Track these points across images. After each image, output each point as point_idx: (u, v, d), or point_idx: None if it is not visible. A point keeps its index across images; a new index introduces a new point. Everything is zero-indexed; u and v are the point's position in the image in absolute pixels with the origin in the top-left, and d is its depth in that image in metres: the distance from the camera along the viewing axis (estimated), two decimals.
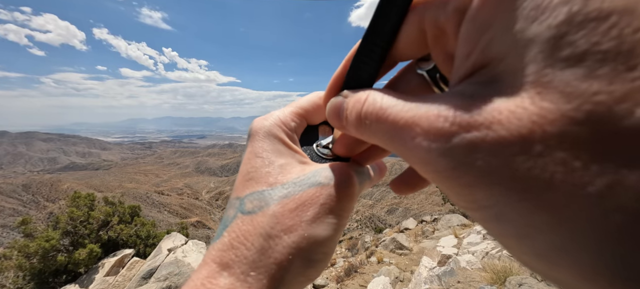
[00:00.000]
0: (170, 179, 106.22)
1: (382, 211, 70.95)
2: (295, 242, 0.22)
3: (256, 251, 0.22)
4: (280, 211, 0.23)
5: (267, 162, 0.26)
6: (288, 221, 0.23)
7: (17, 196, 77.42)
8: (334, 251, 0.26)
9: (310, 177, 0.25)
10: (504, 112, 0.13)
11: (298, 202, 0.23)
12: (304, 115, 0.30)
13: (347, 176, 0.26)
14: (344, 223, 0.26)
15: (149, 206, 71.33)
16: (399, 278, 5.14)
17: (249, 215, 0.24)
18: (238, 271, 0.21)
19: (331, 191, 0.24)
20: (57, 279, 6.47)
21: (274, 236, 0.22)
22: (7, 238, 46.44)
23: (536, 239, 0.12)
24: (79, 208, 7.15)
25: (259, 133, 0.28)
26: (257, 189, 0.25)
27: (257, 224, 0.23)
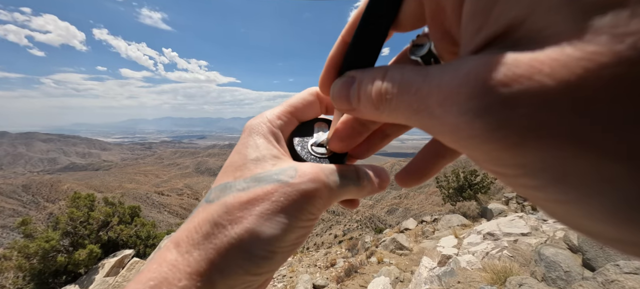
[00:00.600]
0: (170, 180, 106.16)
1: (382, 212, 70.90)
2: (237, 233, 0.22)
3: (201, 235, 0.23)
4: (231, 202, 0.24)
5: (242, 157, 0.27)
6: (237, 213, 0.23)
7: (17, 196, 77.39)
8: (286, 253, 0.25)
9: (273, 173, 0.25)
10: (546, 61, 0.11)
11: (251, 196, 0.24)
12: (293, 112, 0.30)
13: (312, 177, 0.25)
14: (302, 225, 0.24)
15: (149, 207, 71.30)
16: (399, 278, 5.14)
17: (208, 203, 0.25)
18: (184, 249, 0.23)
19: (288, 190, 0.24)
20: (57, 279, 6.46)
21: (219, 224, 0.23)
22: (7, 238, 46.41)
23: (606, 195, 0.11)
24: (79, 209, 7.15)
25: (245, 131, 0.29)
26: (224, 181, 0.26)
27: (210, 212, 0.24)
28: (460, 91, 0.14)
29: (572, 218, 0.13)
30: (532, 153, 0.12)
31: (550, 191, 0.13)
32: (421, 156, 0.27)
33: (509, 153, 0.13)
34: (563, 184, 0.12)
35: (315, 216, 0.26)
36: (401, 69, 0.18)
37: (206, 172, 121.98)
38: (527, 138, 0.12)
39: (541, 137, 0.12)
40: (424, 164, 0.27)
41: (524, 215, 5.76)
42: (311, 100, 0.31)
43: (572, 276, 3.07)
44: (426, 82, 0.16)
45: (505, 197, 11.47)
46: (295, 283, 5.98)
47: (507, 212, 9.02)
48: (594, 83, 0.10)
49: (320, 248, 12.32)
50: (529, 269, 3.58)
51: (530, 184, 0.13)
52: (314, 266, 7.45)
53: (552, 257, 3.30)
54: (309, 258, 8.74)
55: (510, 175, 0.14)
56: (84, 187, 75.41)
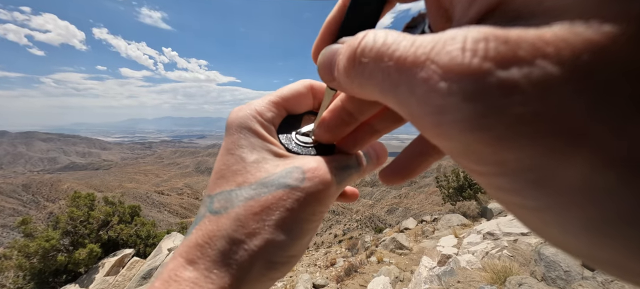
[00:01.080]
0: (170, 179, 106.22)
1: (382, 211, 70.94)
2: (257, 246, 0.22)
3: (219, 252, 0.22)
4: (244, 214, 0.23)
5: (238, 159, 0.25)
6: (252, 224, 0.22)
7: (17, 196, 77.43)
8: (301, 253, 0.25)
9: (279, 177, 0.24)
10: (551, 41, 0.10)
11: (263, 205, 0.23)
12: (283, 104, 0.28)
13: (320, 178, 0.24)
14: (314, 226, 0.25)
15: (149, 206, 71.35)
16: (399, 277, 5.15)
17: (215, 215, 0.23)
18: (202, 267, 0.22)
19: (299, 195, 0.23)
20: (57, 279, 6.47)
21: (236, 239, 0.22)
22: (7, 237, 46.45)
23: (595, 205, 0.10)
24: (79, 208, 7.15)
25: (232, 126, 0.27)
26: (226, 189, 0.24)
27: (221, 226, 0.23)
28: (452, 66, 0.12)
29: (546, 228, 0.12)
30: (516, 150, 0.11)
31: (527, 196, 0.11)
32: (406, 154, 0.26)
33: (490, 148, 0.11)
34: (544, 188, 0.11)
35: (324, 212, 0.25)
36: (385, 32, 0.16)
37: (206, 172, 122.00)
38: (516, 132, 0.10)
39: (533, 132, 0.10)
40: (408, 163, 0.26)
41: None
42: (303, 92, 0.29)
43: (571, 275, 3.07)
44: (411, 49, 0.13)
45: None
46: (295, 282, 5.98)
47: (507, 212, 9.02)
48: (610, 73, 0.09)
49: (320, 248, 12.33)
50: (529, 268, 3.59)
51: (506, 186, 0.12)
52: (313, 266, 7.45)
53: (552, 256, 3.30)
54: (309, 258, 8.75)
55: (484, 173, 0.13)
56: (84, 186, 75.47)
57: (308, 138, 0.28)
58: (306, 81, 0.29)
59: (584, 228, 0.10)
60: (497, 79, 0.10)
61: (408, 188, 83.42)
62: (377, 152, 0.30)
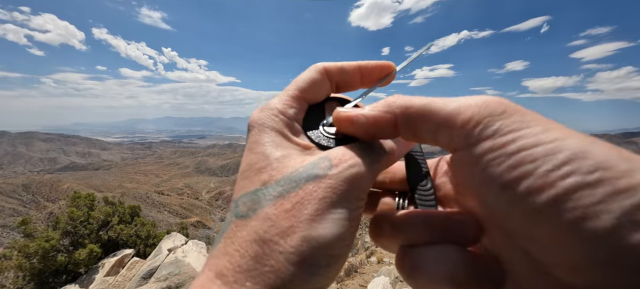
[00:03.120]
0: (170, 179, 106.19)
1: None
2: (293, 246, 0.19)
3: (250, 258, 0.19)
4: (274, 213, 0.20)
5: (262, 158, 0.24)
6: (284, 223, 0.20)
7: (17, 196, 77.40)
8: (346, 254, 0.22)
9: (306, 169, 0.22)
10: None
11: (294, 200, 0.21)
12: (302, 97, 0.28)
13: (350, 162, 0.23)
14: (354, 216, 0.22)
15: (149, 206, 71.31)
16: (399, 278, 5.14)
17: (242, 219, 0.21)
18: (232, 280, 0.19)
19: (330, 182, 0.21)
20: (57, 279, 6.46)
21: (269, 241, 0.20)
22: (7, 238, 46.39)
23: None
24: (79, 208, 7.15)
25: (254, 127, 0.26)
26: (250, 190, 0.23)
27: (251, 229, 0.20)
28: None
29: None
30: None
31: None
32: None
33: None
34: None
35: (363, 200, 0.24)
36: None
37: (206, 172, 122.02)
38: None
39: None
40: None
41: None
42: (319, 79, 0.28)
43: None
44: None
45: None
46: None
47: None
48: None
49: None
50: None
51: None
52: None
53: None
54: None
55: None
56: (84, 186, 75.43)
57: (335, 128, 0.28)
58: (319, 66, 0.28)
59: None
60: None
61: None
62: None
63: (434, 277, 0.21)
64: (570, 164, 0.15)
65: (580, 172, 0.15)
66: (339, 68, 0.28)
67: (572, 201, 0.15)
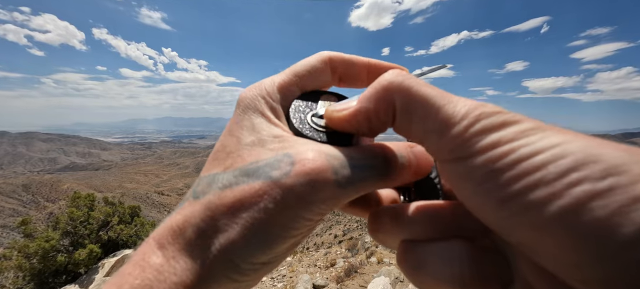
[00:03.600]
0: (170, 180, 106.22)
1: None
2: (222, 245, 0.19)
3: (186, 240, 0.20)
4: (215, 205, 0.20)
5: (236, 141, 0.23)
6: (222, 220, 0.20)
7: (17, 196, 77.42)
8: (277, 261, 0.21)
9: (265, 165, 0.20)
10: None
11: (237, 197, 0.20)
12: (296, 82, 0.26)
13: (311, 174, 0.19)
14: (296, 234, 0.20)
15: (149, 207, 71.30)
16: (399, 278, 5.14)
17: (195, 200, 0.21)
18: (170, 255, 0.20)
19: (277, 194, 0.19)
20: (57, 279, 6.46)
21: (204, 232, 0.20)
22: (7, 238, 46.41)
23: None
24: (79, 208, 7.15)
25: (239, 106, 0.25)
26: (213, 172, 0.22)
27: (194, 214, 0.21)
28: None
29: None
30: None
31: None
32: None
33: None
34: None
35: (315, 221, 0.21)
36: None
37: None
38: None
39: None
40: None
41: None
42: (320, 68, 0.26)
43: None
44: None
45: None
46: (295, 283, 5.98)
47: None
48: None
49: (320, 248, 12.32)
50: None
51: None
52: (313, 266, 7.45)
53: None
54: (309, 258, 8.74)
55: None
56: (84, 187, 75.46)
57: (323, 121, 0.24)
58: (324, 54, 0.26)
59: None
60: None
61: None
62: (417, 157, 0.24)
63: (438, 275, 0.19)
64: (577, 170, 0.14)
65: (590, 179, 0.13)
66: (346, 60, 0.27)
67: (584, 212, 0.13)
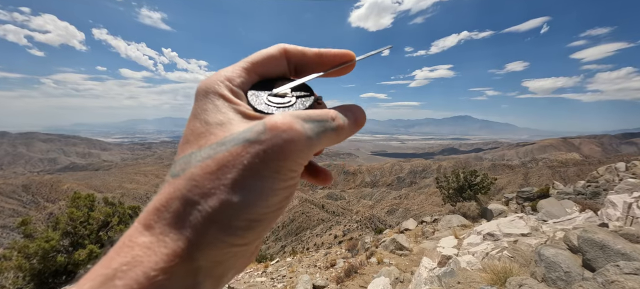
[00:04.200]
0: None
1: (382, 212, 70.83)
2: (211, 207, 0.20)
3: (173, 214, 0.21)
4: (198, 174, 0.21)
5: (203, 123, 0.24)
6: (207, 184, 0.21)
7: (17, 196, 77.38)
8: (268, 218, 0.22)
9: (240, 133, 0.22)
10: None
11: (220, 163, 0.21)
12: (253, 69, 0.27)
13: (285, 128, 0.22)
14: (283, 186, 0.22)
15: None
16: (399, 278, 5.14)
17: (174, 178, 0.22)
18: (158, 231, 0.21)
19: (259, 148, 0.21)
20: (57, 279, 6.46)
21: (190, 200, 0.21)
22: (7, 238, 46.35)
23: None
24: (78, 209, 7.15)
25: (200, 93, 0.26)
26: (188, 152, 0.23)
27: (177, 187, 0.21)
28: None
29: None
30: None
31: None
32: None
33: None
34: None
35: (297, 172, 0.23)
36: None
37: None
38: None
39: None
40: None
41: (524, 215, 5.76)
42: (276, 55, 0.28)
43: (572, 276, 3.07)
44: None
45: (505, 197, 11.46)
46: (295, 283, 5.99)
47: (507, 212, 9.01)
48: None
49: (320, 249, 12.31)
50: (529, 269, 3.59)
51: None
52: (313, 267, 7.44)
53: (552, 257, 3.30)
54: (309, 258, 8.74)
55: None
56: (84, 187, 75.37)
57: (281, 99, 0.26)
58: (279, 45, 0.29)
59: None
60: None
61: (408, 189, 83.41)
62: (354, 113, 0.28)
63: None
64: None
65: None
66: (299, 51, 0.29)
67: None
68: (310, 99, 0.27)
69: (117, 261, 0.20)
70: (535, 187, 10.61)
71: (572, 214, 6.16)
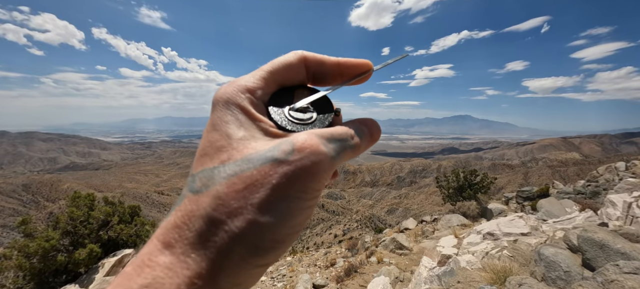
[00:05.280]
0: (170, 179, 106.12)
1: (382, 211, 70.87)
2: (238, 227, 0.20)
3: (197, 233, 0.20)
4: (225, 192, 0.21)
5: (224, 135, 0.24)
6: (234, 203, 0.20)
7: (17, 196, 77.40)
8: (292, 238, 0.22)
9: (267, 152, 0.22)
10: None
11: (247, 181, 0.21)
12: (273, 79, 0.27)
13: (312, 149, 0.22)
14: (307, 205, 0.22)
15: (149, 206, 71.28)
16: (399, 278, 5.14)
17: (195, 194, 0.22)
18: (179, 251, 0.20)
19: (287, 169, 0.21)
20: (57, 279, 6.46)
21: (216, 219, 0.20)
22: (7, 237, 46.41)
23: None
24: (79, 208, 7.15)
25: (218, 102, 0.25)
26: (209, 166, 0.23)
27: (201, 205, 0.21)
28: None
29: None
30: None
31: None
32: None
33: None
34: None
35: (320, 191, 0.23)
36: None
37: None
38: None
39: None
40: None
41: (523, 215, 5.76)
42: (295, 63, 0.27)
43: (571, 276, 3.07)
44: None
45: (505, 197, 11.47)
46: (295, 282, 5.99)
47: (507, 212, 9.01)
48: None
49: (320, 248, 12.32)
50: (529, 269, 3.59)
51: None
52: (313, 266, 7.45)
53: (552, 257, 3.30)
54: (309, 258, 8.75)
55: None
56: (84, 186, 75.38)
57: (303, 114, 0.27)
58: (298, 52, 0.28)
59: None
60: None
61: (408, 188, 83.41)
62: (370, 128, 0.28)
63: None
64: None
65: None
66: (318, 60, 0.28)
67: None
68: (330, 115, 0.28)
69: (137, 282, 0.19)
70: (535, 187, 10.61)
71: (572, 214, 6.16)
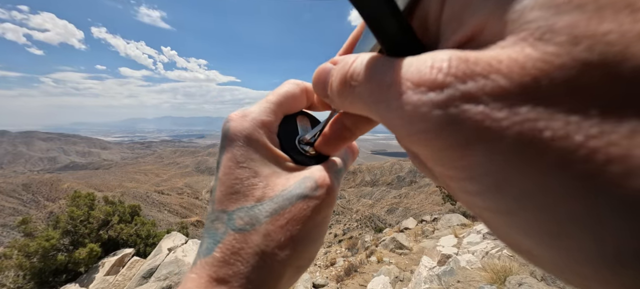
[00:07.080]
0: (170, 179, 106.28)
1: (382, 211, 70.92)
2: (288, 255, 0.24)
3: (252, 268, 0.23)
4: (272, 229, 0.24)
5: (253, 173, 0.26)
6: (281, 237, 0.24)
7: (17, 195, 77.42)
8: (316, 253, 0.28)
9: (296, 189, 0.26)
10: (504, 60, 0.11)
11: (288, 217, 0.24)
12: (280, 111, 0.29)
13: (329, 187, 0.27)
14: (326, 228, 0.28)
15: (149, 206, 71.36)
16: (399, 277, 5.15)
17: (241, 233, 0.24)
18: (236, 284, 0.23)
19: (315, 203, 0.25)
20: (57, 278, 6.47)
21: (269, 253, 0.24)
22: (8, 237, 46.45)
23: (539, 211, 0.11)
24: (79, 208, 7.16)
25: (239, 138, 0.26)
26: (246, 205, 0.25)
27: (251, 243, 0.24)
28: (421, 82, 0.13)
29: (510, 232, 0.13)
30: (476, 155, 0.12)
31: (489, 199, 0.12)
32: (334, 129, 0.29)
33: (455, 153, 0.12)
34: (502, 192, 0.11)
35: (331, 213, 0.28)
36: (371, 55, 0.18)
37: (206, 171, 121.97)
38: (474, 138, 0.12)
39: (490, 138, 0.11)
40: (338, 134, 0.29)
41: None
42: (297, 94, 0.30)
43: None
44: (391, 70, 0.15)
45: None
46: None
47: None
48: (547, 85, 0.10)
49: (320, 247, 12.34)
50: (529, 268, 3.59)
51: (471, 189, 0.13)
52: (313, 265, 7.46)
53: None
54: None
55: (454, 177, 0.14)
56: (84, 186, 75.42)
57: (310, 147, 0.30)
58: (300, 84, 0.30)
59: (543, 233, 0.11)
60: (458, 91, 0.12)
61: (408, 188, 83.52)
62: (352, 149, 0.34)
63: None
64: None
65: None
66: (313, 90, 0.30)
67: None
68: (317, 128, 0.31)
69: None
70: None
71: None
